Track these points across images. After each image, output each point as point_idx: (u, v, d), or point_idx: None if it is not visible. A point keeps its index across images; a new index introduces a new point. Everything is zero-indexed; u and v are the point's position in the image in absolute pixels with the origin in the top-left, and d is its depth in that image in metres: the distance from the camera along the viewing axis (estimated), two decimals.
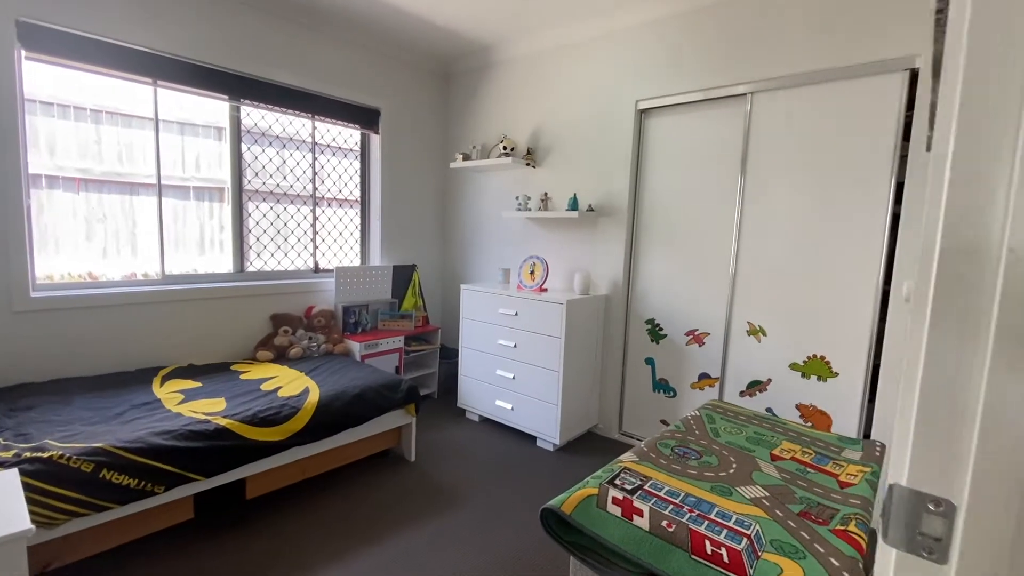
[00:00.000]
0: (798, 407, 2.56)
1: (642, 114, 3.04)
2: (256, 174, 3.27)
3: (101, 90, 2.71)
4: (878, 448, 1.64)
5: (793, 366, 2.56)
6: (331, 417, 2.37)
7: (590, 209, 3.18)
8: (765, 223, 2.60)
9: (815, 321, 2.48)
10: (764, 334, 2.64)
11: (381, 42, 3.61)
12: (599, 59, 3.15)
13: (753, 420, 1.83)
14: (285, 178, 3.40)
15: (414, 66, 3.90)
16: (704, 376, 2.88)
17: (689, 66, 2.79)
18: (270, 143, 3.32)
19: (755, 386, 2.69)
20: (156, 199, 2.87)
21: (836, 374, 2.44)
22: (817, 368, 2.49)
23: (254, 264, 3.29)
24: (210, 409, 2.21)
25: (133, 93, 2.76)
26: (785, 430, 1.76)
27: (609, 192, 3.15)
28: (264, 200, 3.34)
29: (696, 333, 2.90)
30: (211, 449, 2.00)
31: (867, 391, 2.37)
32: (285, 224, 3.43)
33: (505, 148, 3.47)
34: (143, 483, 1.83)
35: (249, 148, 3.21)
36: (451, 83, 4.12)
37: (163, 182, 2.88)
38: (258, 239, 3.30)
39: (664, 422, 3.07)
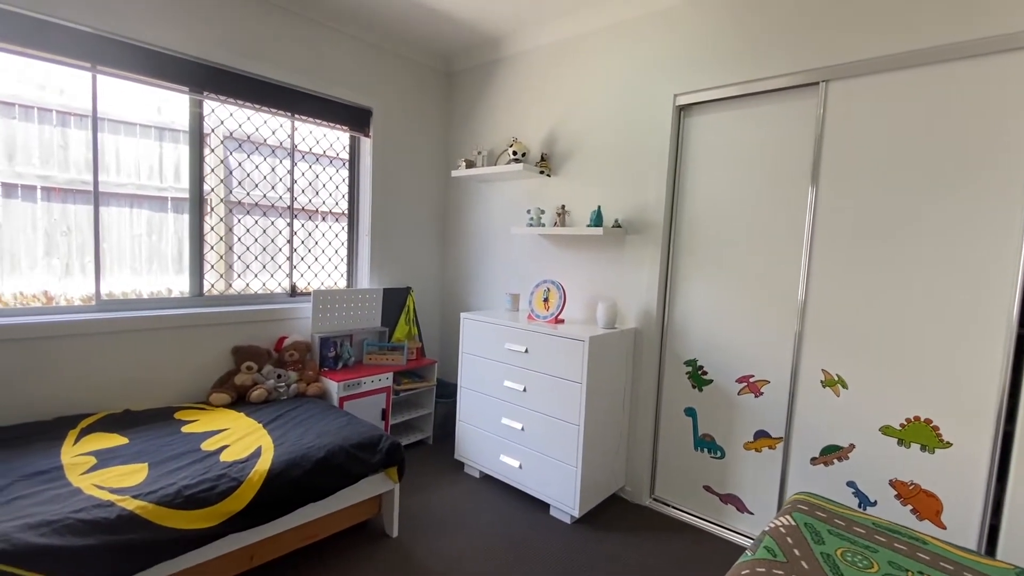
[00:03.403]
0: (893, 484, 1.96)
1: (681, 111, 2.51)
2: (221, 181, 2.78)
3: (69, 89, 2.36)
4: None
5: (886, 430, 1.97)
6: (283, 492, 1.81)
7: (616, 225, 2.65)
8: (846, 243, 2.04)
9: (917, 372, 1.90)
10: (844, 386, 2.06)
11: (375, 32, 3.14)
12: (629, 47, 2.64)
13: (878, 536, 1.25)
14: (257, 186, 2.91)
15: (412, 61, 3.43)
16: (762, 435, 2.30)
17: (741, 52, 2.27)
18: (240, 145, 2.84)
19: (832, 452, 2.10)
20: (127, 210, 2.55)
21: (948, 444, 1.85)
22: (920, 434, 1.90)
23: (231, 286, 2.79)
24: (122, 482, 1.68)
25: (108, 95, 2.41)
26: (934, 558, 1.18)
27: (640, 205, 2.61)
28: (231, 212, 2.85)
29: (751, 380, 2.32)
30: (107, 547, 1.45)
31: (994, 468, 1.78)
32: (255, 240, 2.92)
33: (515, 153, 2.96)
34: None
35: (213, 151, 2.73)
36: (454, 81, 3.64)
37: (137, 192, 2.57)
38: (221, 257, 2.80)
39: (708, 489, 2.48)
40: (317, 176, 3.16)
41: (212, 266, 2.76)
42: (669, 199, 2.53)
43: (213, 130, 2.72)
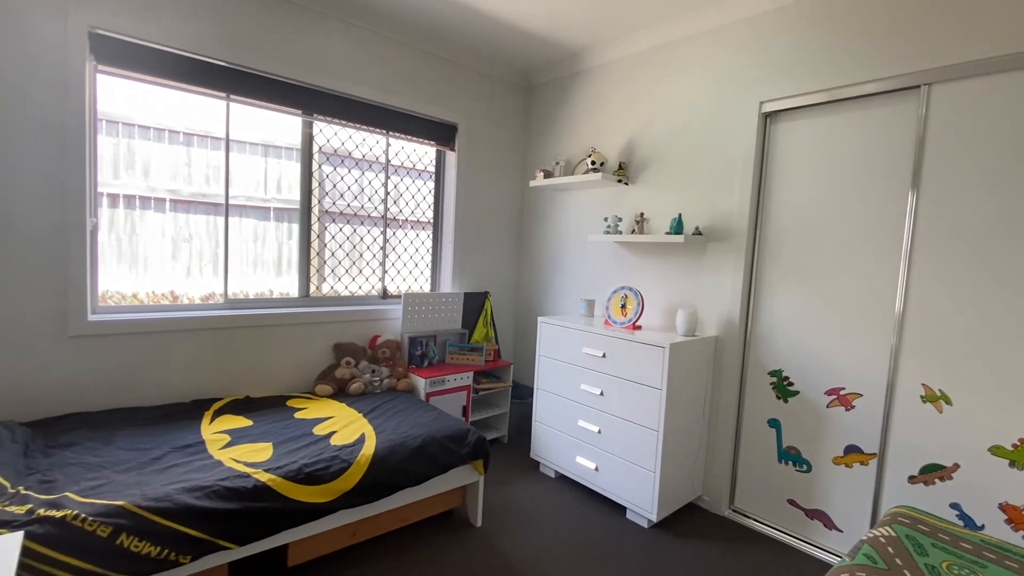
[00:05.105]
0: (1004, 508, 1.84)
1: (767, 119, 2.50)
2: (327, 193, 3.07)
3: (192, 113, 2.71)
4: None
5: (996, 450, 1.86)
6: (386, 475, 2.00)
7: (697, 232, 2.66)
8: (952, 251, 1.95)
9: None
10: (948, 402, 1.96)
11: (461, 53, 3.34)
12: (713, 56, 2.66)
13: (986, 552, 1.21)
14: (356, 198, 3.19)
15: (496, 78, 3.61)
16: (853, 449, 2.23)
17: (831, 58, 2.23)
18: (342, 161, 3.12)
19: (933, 471, 2.00)
20: (236, 219, 2.84)
21: None
22: None
23: (321, 288, 3.07)
24: (253, 458, 1.92)
25: (223, 118, 2.72)
26: None
27: (722, 212, 2.61)
28: (334, 221, 3.13)
29: (842, 393, 2.26)
30: (247, 512, 1.69)
31: None
32: (354, 247, 3.20)
33: (593, 163, 3.04)
34: (166, 552, 1.54)
35: (320, 166, 3.02)
36: (533, 94, 3.78)
37: (245, 203, 2.87)
38: (325, 262, 3.09)
39: (793, 503, 2.42)
40: (408, 188, 3.40)
41: (317, 270, 3.05)
42: (754, 207, 2.52)
43: (320, 148, 3.01)
